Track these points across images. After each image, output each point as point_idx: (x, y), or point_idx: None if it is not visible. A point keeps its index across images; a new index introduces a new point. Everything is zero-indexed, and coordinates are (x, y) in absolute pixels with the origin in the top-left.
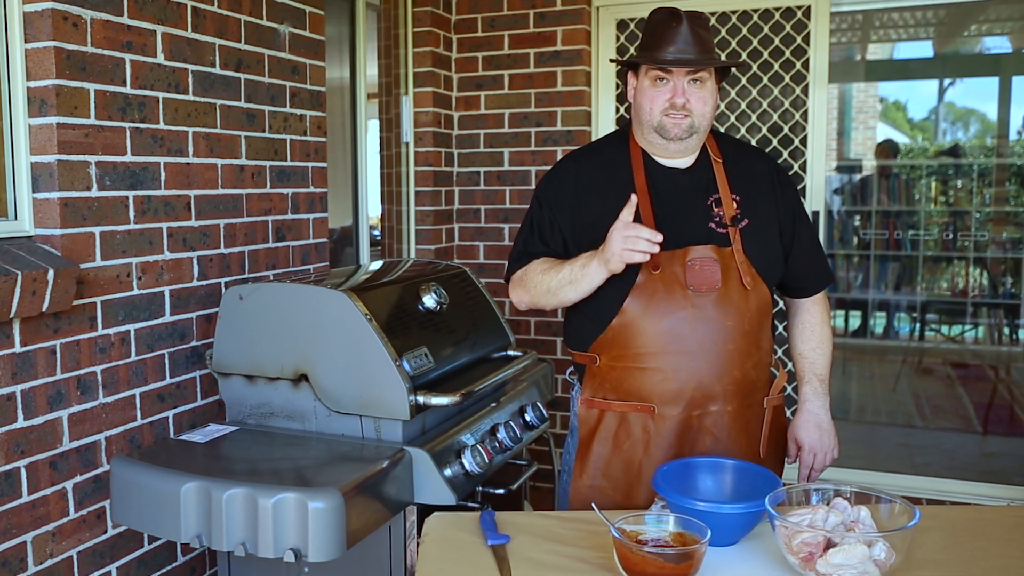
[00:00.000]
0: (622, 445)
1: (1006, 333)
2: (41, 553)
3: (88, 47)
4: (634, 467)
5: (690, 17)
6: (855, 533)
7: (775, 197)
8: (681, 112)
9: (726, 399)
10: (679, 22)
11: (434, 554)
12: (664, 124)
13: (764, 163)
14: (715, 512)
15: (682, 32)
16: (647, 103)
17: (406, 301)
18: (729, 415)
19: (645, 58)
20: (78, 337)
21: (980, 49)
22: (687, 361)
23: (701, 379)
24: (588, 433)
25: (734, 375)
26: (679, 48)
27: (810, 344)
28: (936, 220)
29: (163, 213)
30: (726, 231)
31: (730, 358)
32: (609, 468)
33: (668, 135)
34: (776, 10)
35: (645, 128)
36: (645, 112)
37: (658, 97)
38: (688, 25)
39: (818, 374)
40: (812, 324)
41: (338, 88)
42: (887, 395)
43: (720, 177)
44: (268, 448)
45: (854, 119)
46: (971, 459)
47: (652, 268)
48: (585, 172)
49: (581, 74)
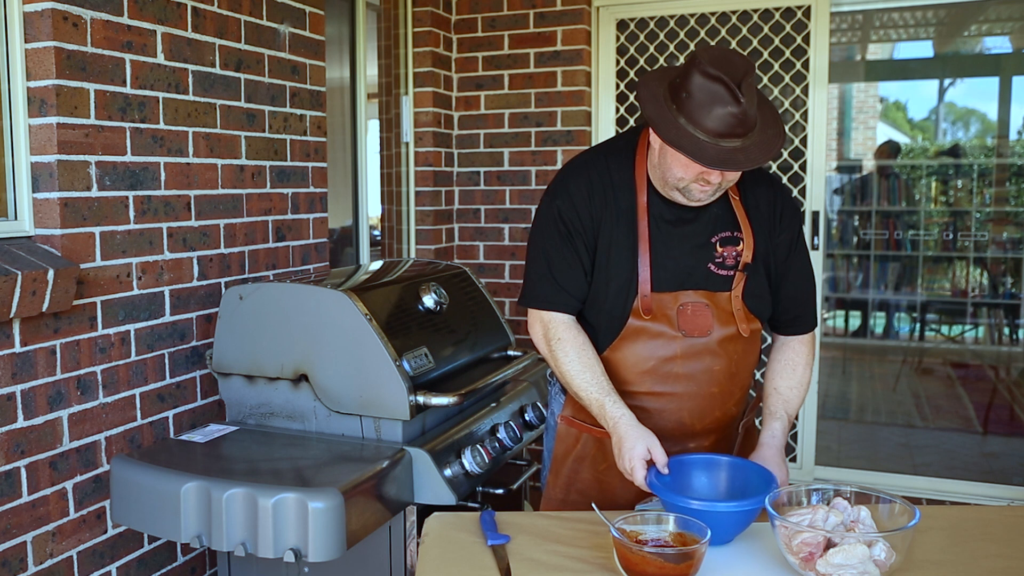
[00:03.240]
0: (598, 467)
1: (1006, 333)
2: (41, 553)
3: (88, 47)
4: (609, 490)
5: (746, 90)
6: (855, 533)
7: (772, 230)
8: (714, 184)
9: (705, 436)
10: (734, 103)
11: (434, 554)
12: (691, 190)
13: (771, 191)
14: (709, 511)
15: (737, 117)
16: (679, 171)
17: (406, 301)
18: (705, 450)
19: (690, 149)
20: (78, 337)
21: (980, 49)
22: (669, 402)
23: (682, 419)
24: (565, 451)
25: (715, 415)
26: (727, 136)
27: (789, 383)
28: (936, 220)
29: (163, 213)
30: (728, 273)
31: (713, 400)
32: (585, 487)
33: (692, 199)
34: (776, 10)
35: (668, 185)
36: (672, 176)
37: (691, 167)
38: (743, 109)
39: (789, 413)
40: (795, 364)
41: (338, 88)
42: (887, 395)
43: (740, 215)
44: (268, 448)
45: (854, 119)
46: (971, 459)
47: (644, 312)
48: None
49: (581, 74)
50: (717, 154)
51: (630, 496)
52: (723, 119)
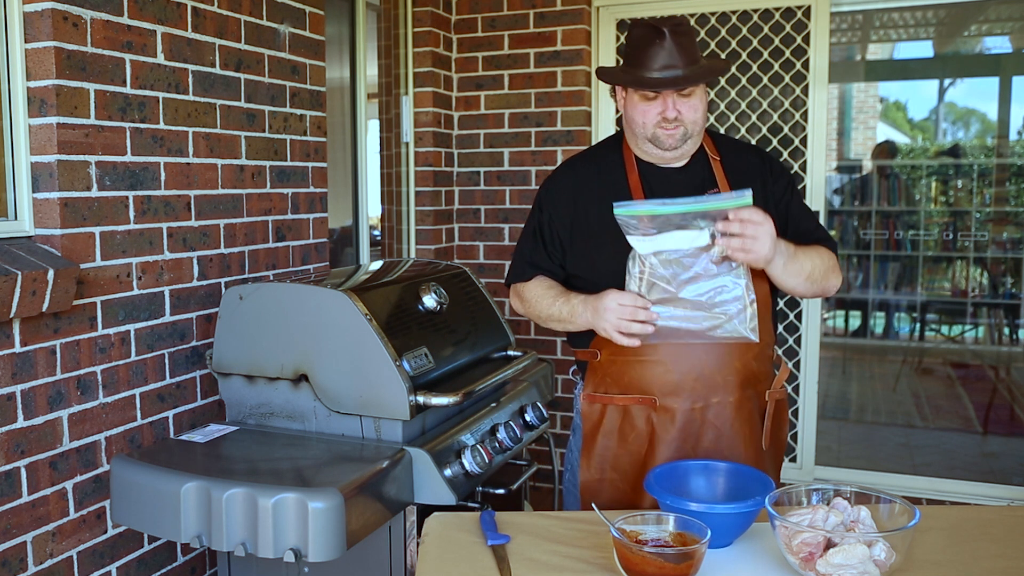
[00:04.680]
0: (627, 438)
1: (1006, 333)
2: (41, 553)
3: (88, 47)
4: (640, 460)
5: (672, 30)
6: (855, 533)
7: (766, 188)
8: (673, 124)
9: (727, 390)
10: (662, 38)
11: (434, 554)
12: (658, 135)
13: (757, 157)
14: (708, 512)
15: (666, 48)
16: (639, 117)
17: (406, 301)
18: (732, 406)
19: (632, 80)
20: (78, 337)
21: (980, 49)
22: (687, 352)
23: (702, 370)
24: (592, 428)
25: (734, 365)
26: (664, 64)
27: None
28: (936, 220)
29: (163, 213)
30: None
31: (729, 349)
32: (618, 461)
33: (663, 145)
34: (776, 10)
35: (639, 139)
36: (638, 126)
37: (649, 111)
38: (671, 40)
39: (796, 251)
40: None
41: (338, 88)
42: (887, 395)
43: (719, 174)
44: (268, 448)
45: (854, 119)
46: (971, 459)
47: None
48: (582, 177)
49: (581, 74)
50: (658, 82)
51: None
52: (654, 53)
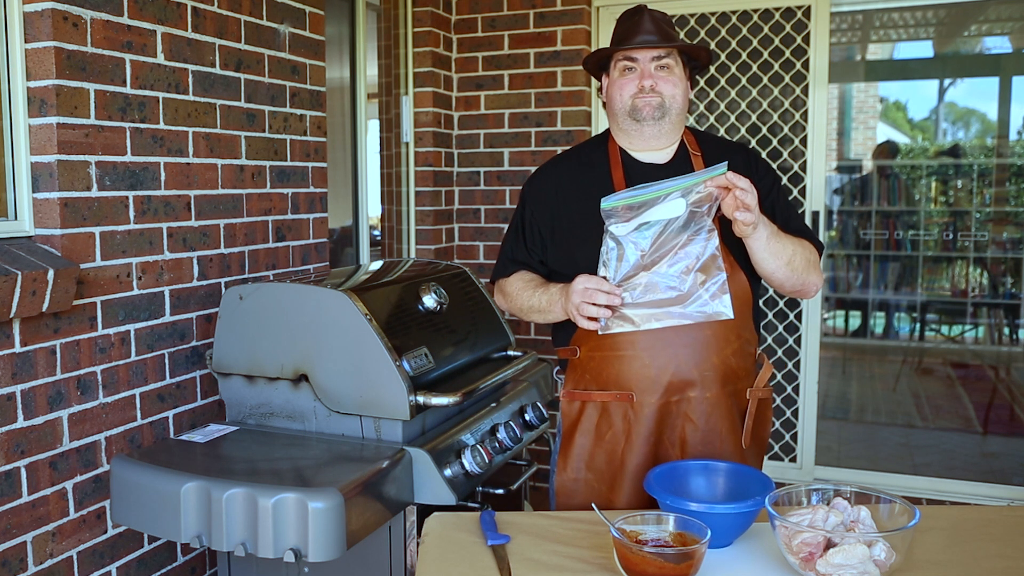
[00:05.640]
0: (604, 436)
1: (1006, 333)
2: (41, 553)
3: (88, 47)
4: (616, 458)
5: (650, 11)
6: (855, 533)
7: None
8: (650, 93)
9: (704, 385)
10: (640, 15)
11: (434, 554)
12: (636, 105)
13: (741, 154)
14: (708, 512)
15: (644, 22)
16: (617, 91)
17: (406, 301)
18: (708, 402)
19: (610, 48)
20: (78, 337)
21: (980, 49)
22: (664, 347)
23: (679, 365)
24: (570, 426)
25: (712, 361)
26: (642, 37)
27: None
28: (936, 220)
29: (163, 213)
30: None
31: (707, 344)
32: (592, 460)
33: (640, 116)
34: (776, 10)
35: (619, 116)
36: (617, 100)
37: (627, 84)
38: (649, 16)
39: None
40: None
41: (338, 88)
42: (887, 395)
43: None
44: (268, 448)
45: (854, 119)
46: (971, 459)
47: None
48: (565, 174)
49: (581, 74)
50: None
51: (642, 462)
52: (632, 26)
